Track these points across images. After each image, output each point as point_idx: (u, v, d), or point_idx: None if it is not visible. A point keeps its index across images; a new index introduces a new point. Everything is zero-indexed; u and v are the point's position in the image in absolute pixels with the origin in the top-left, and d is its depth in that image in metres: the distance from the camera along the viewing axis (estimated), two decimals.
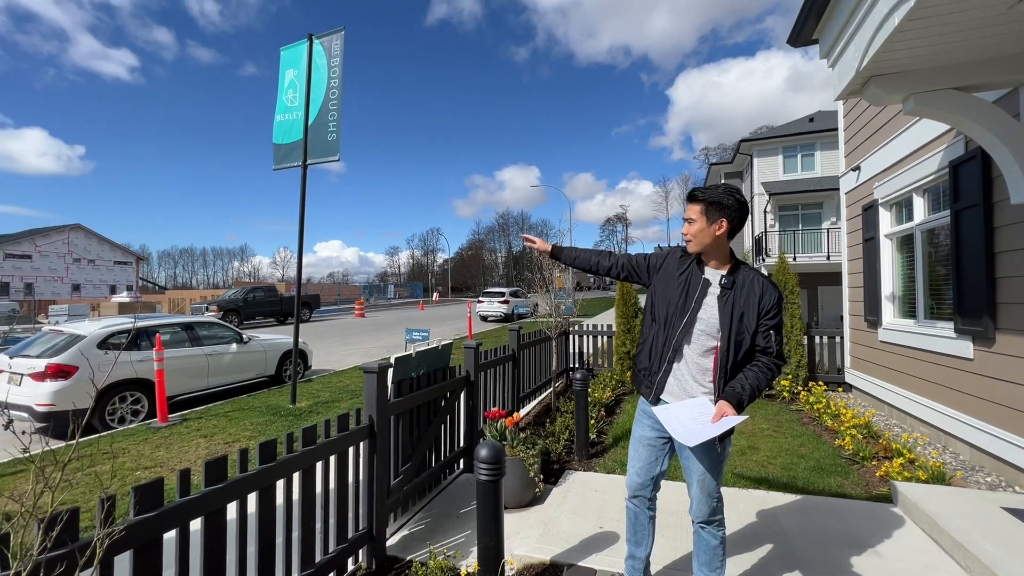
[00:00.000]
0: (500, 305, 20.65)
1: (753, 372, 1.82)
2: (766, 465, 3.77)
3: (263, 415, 6.02)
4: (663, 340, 1.95)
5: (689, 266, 1.96)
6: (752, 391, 1.79)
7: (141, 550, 1.58)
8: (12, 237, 39.64)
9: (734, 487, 3.34)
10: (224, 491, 1.85)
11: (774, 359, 1.83)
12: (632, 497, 2.10)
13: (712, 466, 1.90)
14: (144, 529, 1.57)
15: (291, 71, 6.96)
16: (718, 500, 1.93)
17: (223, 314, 18.64)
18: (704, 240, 1.87)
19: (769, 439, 4.40)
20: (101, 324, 6.44)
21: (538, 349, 5.97)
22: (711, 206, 1.84)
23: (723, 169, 24.64)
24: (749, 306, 1.82)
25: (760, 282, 1.85)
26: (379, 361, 2.82)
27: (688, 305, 1.89)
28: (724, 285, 1.86)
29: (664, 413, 1.86)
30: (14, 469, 4.38)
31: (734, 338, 1.82)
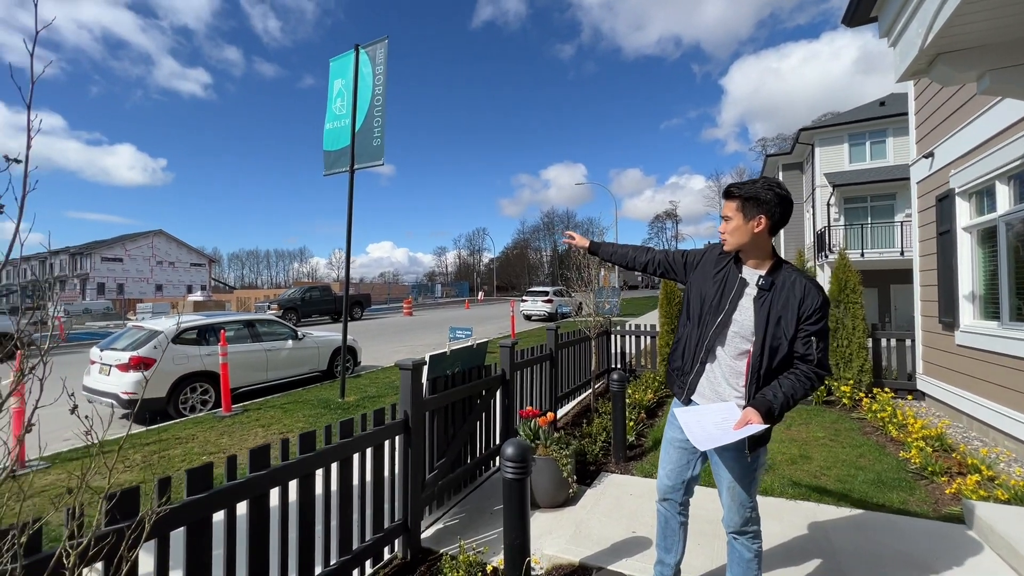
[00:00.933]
0: (544, 304, 20.60)
1: (789, 380, 1.70)
2: (819, 476, 3.53)
3: (314, 408, 6.37)
4: (696, 339, 1.88)
5: (727, 264, 1.87)
6: (785, 400, 1.67)
7: (193, 527, 1.73)
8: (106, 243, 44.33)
9: (780, 497, 3.16)
10: (267, 477, 1.98)
11: (815, 368, 1.70)
12: (662, 500, 2.06)
13: (743, 474, 1.81)
14: (195, 508, 1.71)
15: (339, 81, 7.30)
16: (752, 510, 1.84)
17: (283, 312, 19.85)
18: (741, 238, 1.78)
19: (824, 448, 4.12)
20: (175, 321, 7.06)
21: (577, 349, 5.91)
22: (748, 202, 1.75)
23: (781, 160, 23.23)
24: (788, 310, 1.71)
25: (802, 284, 1.73)
26: (414, 358, 2.92)
27: (723, 305, 1.81)
28: (762, 286, 1.76)
29: (685, 415, 1.79)
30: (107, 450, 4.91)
31: (769, 343, 1.72)
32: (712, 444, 1.64)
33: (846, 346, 5.78)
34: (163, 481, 1.69)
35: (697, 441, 1.66)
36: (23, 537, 1.05)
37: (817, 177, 18.94)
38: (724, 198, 1.84)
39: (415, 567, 2.66)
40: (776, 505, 3.03)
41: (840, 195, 17.84)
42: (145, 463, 4.54)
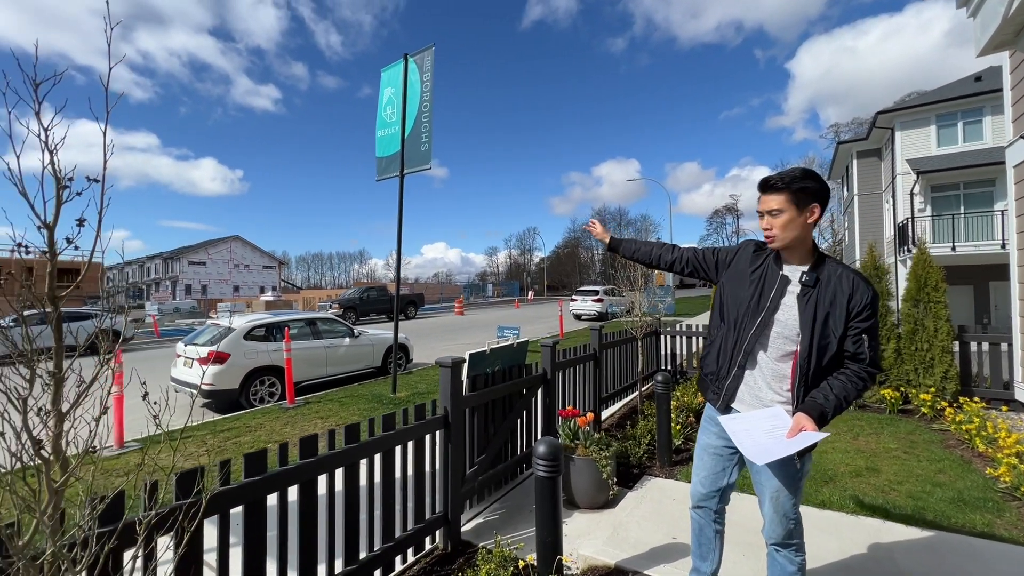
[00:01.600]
0: (594, 303, 20.29)
1: (840, 381, 1.60)
2: (887, 491, 3.24)
3: (368, 402, 6.70)
4: (733, 343, 1.80)
5: (764, 262, 1.78)
6: (838, 402, 1.58)
7: (249, 506, 1.90)
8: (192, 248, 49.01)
9: (839, 511, 2.93)
10: (314, 464, 2.13)
11: (867, 366, 1.60)
12: (695, 507, 1.99)
13: (788, 483, 1.71)
14: (251, 489, 1.88)
15: (389, 89, 7.62)
16: (795, 522, 1.74)
17: (343, 311, 21.00)
18: (794, 232, 1.66)
19: (896, 461, 3.76)
20: (247, 319, 7.69)
21: (623, 350, 5.79)
22: (799, 193, 1.63)
23: (855, 147, 21.35)
24: (836, 306, 1.61)
25: (850, 279, 1.63)
26: (453, 356, 3.00)
27: (763, 305, 1.72)
28: (805, 283, 1.65)
29: (732, 424, 1.70)
30: (184, 435, 5.44)
31: (817, 342, 1.61)
32: (770, 457, 1.54)
33: (926, 350, 5.24)
34: (223, 463, 1.88)
35: (752, 454, 1.57)
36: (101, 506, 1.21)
37: (898, 164, 17.23)
38: (765, 191, 1.71)
39: (454, 558, 2.74)
40: (834, 519, 2.81)
41: (926, 183, 16.12)
42: (220, 448, 5.00)
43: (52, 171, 1.07)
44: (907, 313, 5.42)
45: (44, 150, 1.06)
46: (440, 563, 2.72)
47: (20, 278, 1.08)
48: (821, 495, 3.15)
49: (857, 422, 4.80)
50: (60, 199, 1.09)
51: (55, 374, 1.07)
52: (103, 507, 1.23)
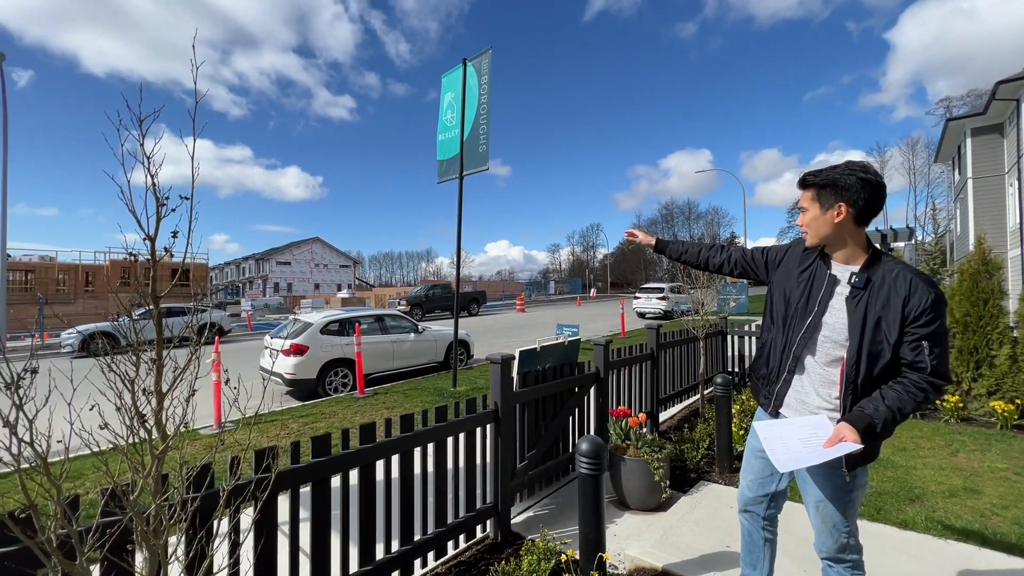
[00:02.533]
0: (658, 301, 19.59)
1: (895, 391, 1.47)
2: (988, 516, 2.86)
3: (430, 395, 7.03)
4: (782, 346, 1.72)
5: (813, 261, 1.69)
6: (890, 414, 1.45)
7: (316, 484, 2.12)
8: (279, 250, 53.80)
9: (924, 533, 2.64)
10: (373, 450, 2.32)
11: (928, 377, 1.44)
12: (742, 511, 1.93)
13: (835, 495, 1.61)
14: (316, 469, 2.09)
15: (449, 94, 7.89)
16: (848, 536, 1.63)
17: (410, 308, 22.03)
18: (821, 230, 1.60)
19: (1003, 483, 3.30)
20: (323, 315, 8.35)
21: (682, 350, 5.58)
22: (823, 189, 1.56)
23: (968, 124, 18.66)
24: (889, 309, 1.48)
25: (907, 280, 1.48)
26: (503, 353, 3.10)
27: (811, 307, 1.63)
28: (855, 284, 1.55)
29: (767, 429, 1.63)
30: (270, 419, 6.06)
31: (867, 348, 1.51)
32: (795, 465, 1.48)
33: None
34: (294, 445, 2.11)
35: (779, 461, 1.50)
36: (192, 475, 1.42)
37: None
38: (800, 188, 1.66)
39: (504, 548, 2.84)
40: (916, 541, 2.55)
41: None
42: (299, 432, 5.51)
43: (154, 192, 1.28)
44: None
45: (147, 175, 1.27)
46: (490, 551, 2.83)
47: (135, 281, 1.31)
48: (904, 514, 2.86)
49: (958, 436, 4.27)
50: (159, 215, 1.30)
51: (156, 361, 1.28)
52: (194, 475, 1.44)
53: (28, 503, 1.12)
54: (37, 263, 29.78)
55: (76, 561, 1.13)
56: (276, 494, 1.95)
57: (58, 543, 1.14)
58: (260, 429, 5.67)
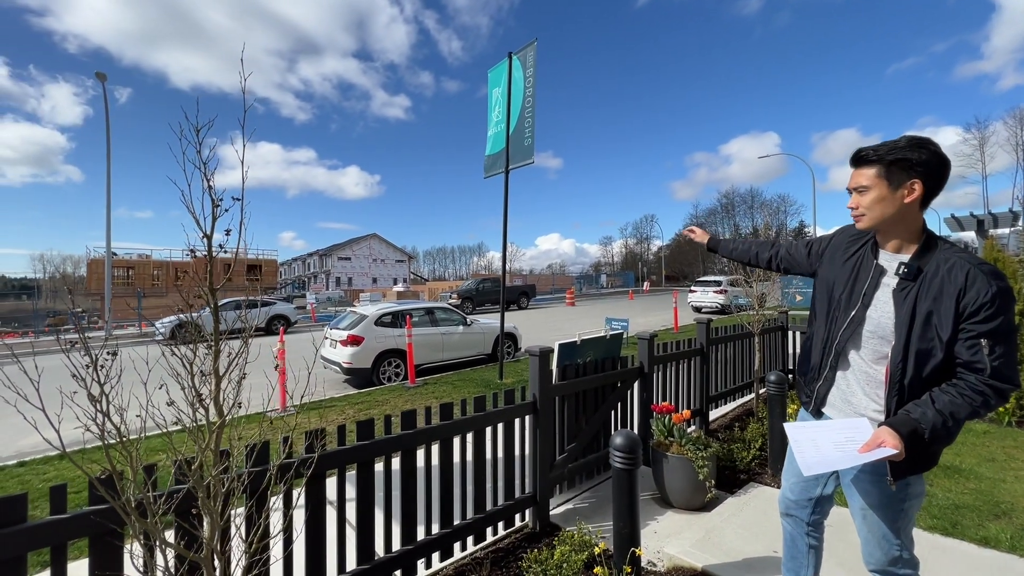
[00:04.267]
0: (716, 295, 18.67)
1: (948, 395, 1.31)
2: None
3: (477, 386, 7.19)
4: (823, 341, 1.61)
5: (860, 248, 1.57)
6: (940, 419, 1.29)
7: (361, 466, 2.25)
8: (340, 246, 56.81)
9: (1010, 552, 2.36)
10: (413, 436, 2.43)
11: (988, 379, 1.28)
12: (784, 514, 1.83)
13: (882, 503, 1.48)
14: (359, 452, 2.22)
15: (496, 89, 7.94)
16: (900, 548, 1.49)
17: (461, 301, 22.53)
18: (884, 211, 1.42)
19: None
20: (377, 307, 8.75)
21: (735, 346, 5.32)
22: (894, 166, 1.38)
23: None
24: (942, 303, 1.33)
25: (964, 270, 1.32)
26: (541, 346, 3.11)
27: (854, 300, 1.52)
28: (904, 274, 1.41)
29: (797, 431, 1.51)
30: (329, 405, 6.46)
31: (914, 346, 1.37)
32: (822, 468, 1.36)
33: None
34: (340, 428, 2.25)
35: (805, 463, 1.38)
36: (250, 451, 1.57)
37: None
38: (855, 166, 1.48)
39: (541, 537, 2.88)
40: (1000, 562, 2.29)
41: None
42: (354, 417, 5.84)
43: (210, 195, 1.42)
44: None
45: (203, 179, 1.41)
46: (528, 540, 2.87)
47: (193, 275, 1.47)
48: (985, 530, 2.57)
49: None
50: (215, 215, 1.43)
51: (214, 347, 1.43)
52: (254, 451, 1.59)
53: (111, 468, 1.29)
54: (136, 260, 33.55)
55: (148, 520, 1.29)
56: (323, 472, 2.10)
57: (135, 505, 1.31)
58: (320, 413, 6.06)
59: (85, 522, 1.48)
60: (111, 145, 17.09)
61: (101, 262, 27.66)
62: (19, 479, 4.13)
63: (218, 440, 1.42)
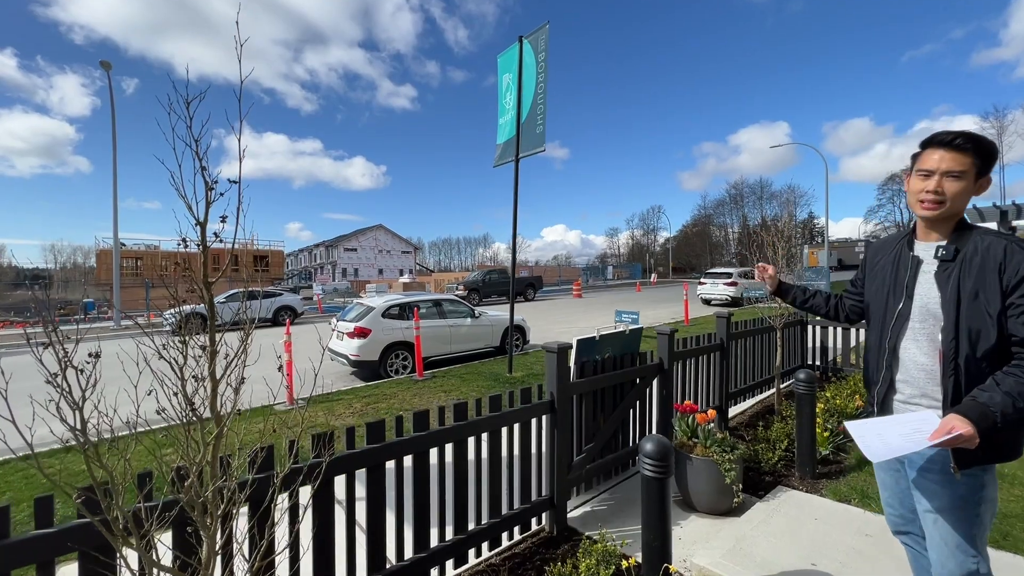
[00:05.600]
0: (726, 287, 18.37)
1: (1013, 375, 1.27)
2: None
3: (486, 380, 7.06)
4: (877, 343, 1.57)
5: (896, 246, 1.60)
6: (1008, 401, 1.23)
7: (372, 470, 2.12)
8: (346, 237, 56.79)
9: None
10: (427, 438, 2.28)
11: None
12: (896, 533, 1.72)
13: (954, 504, 1.37)
14: (370, 456, 2.08)
15: (507, 75, 7.70)
16: (976, 561, 1.37)
17: (467, 292, 22.39)
18: (964, 203, 1.43)
19: None
20: (384, 299, 8.63)
21: (756, 340, 5.14)
22: (989, 158, 1.39)
23: None
24: (986, 280, 1.33)
25: (1002, 246, 1.34)
26: (559, 342, 2.95)
27: (898, 294, 1.52)
28: (943, 257, 1.43)
29: (860, 427, 1.42)
30: (336, 398, 6.36)
31: (964, 323, 1.35)
32: (888, 454, 1.30)
33: None
34: (349, 430, 2.11)
35: (870, 450, 1.33)
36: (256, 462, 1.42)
37: None
38: (947, 148, 1.40)
39: (559, 543, 2.74)
40: None
41: None
42: (362, 411, 5.73)
43: (203, 176, 1.26)
44: None
45: (195, 158, 1.25)
46: (545, 545, 2.74)
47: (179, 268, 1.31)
48: None
49: None
50: (208, 200, 1.28)
51: (209, 347, 1.28)
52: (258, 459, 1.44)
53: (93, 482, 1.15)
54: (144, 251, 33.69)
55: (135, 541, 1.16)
56: (331, 478, 1.97)
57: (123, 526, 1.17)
58: (327, 407, 5.96)
59: (72, 537, 1.35)
60: (116, 135, 17.04)
61: (110, 252, 27.85)
62: (23, 473, 4.06)
63: (215, 452, 1.28)
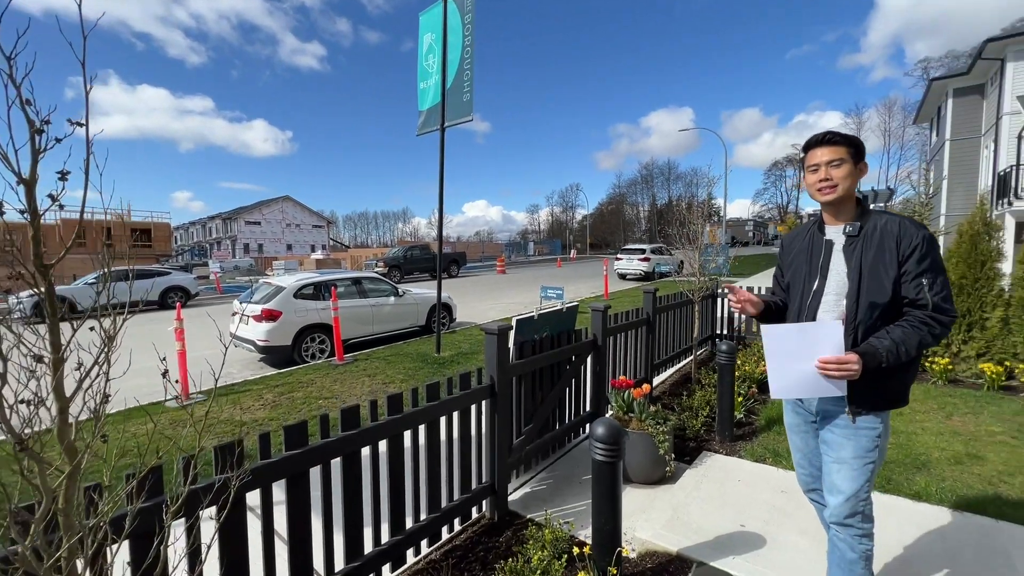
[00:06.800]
0: (640, 263, 19.55)
1: (900, 327, 1.49)
2: (996, 483, 2.81)
3: (413, 361, 6.76)
4: (796, 316, 1.73)
5: (808, 234, 1.77)
6: (894, 346, 1.46)
7: (293, 480, 1.82)
8: (247, 208, 51.37)
9: (939, 505, 2.57)
10: (358, 436, 2.02)
11: (931, 312, 1.47)
12: (807, 491, 1.88)
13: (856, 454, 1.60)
14: (292, 463, 1.78)
15: (429, 35, 7.14)
16: (865, 503, 1.58)
17: (388, 270, 21.41)
18: (851, 185, 1.61)
19: (1004, 448, 3.28)
20: (296, 278, 7.85)
21: (677, 313, 5.42)
22: (856, 148, 1.61)
23: (951, 84, 18.56)
24: (884, 251, 1.53)
25: (896, 222, 1.56)
26: (499, 323, 2.80)
27: (813, 273, 1.68)
28: (849, 233, 1.61)
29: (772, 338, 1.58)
30: (243, 389, 5.70)
31: (865, 288, 1.54)
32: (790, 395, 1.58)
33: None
34: (263, 438, 1.78)
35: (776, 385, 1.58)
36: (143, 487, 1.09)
37: (1006, 102, 14.85)
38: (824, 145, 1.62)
39: (502, 528, 2.65)
40: (933, 515, 2.46)
41: None
42: (275, 402, 5.18)
43: (21, 108, 0.87)
44: (1021, 277, 4.66)
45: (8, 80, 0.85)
46: (487, 533, 2.64)
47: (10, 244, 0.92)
48: (915, 484, 2.79)
49: (949, 399, 4.27)
50: (36, 147, 0.90)
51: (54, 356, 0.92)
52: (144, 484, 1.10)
53: None
54: None
55: None
56: (243, 496, 1.65)
57: None
58: (233, 400, 5.31)
59: None
60: None
61: None
62: None
63: (70, 492, 0.94)
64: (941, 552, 2.17)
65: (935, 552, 2.17)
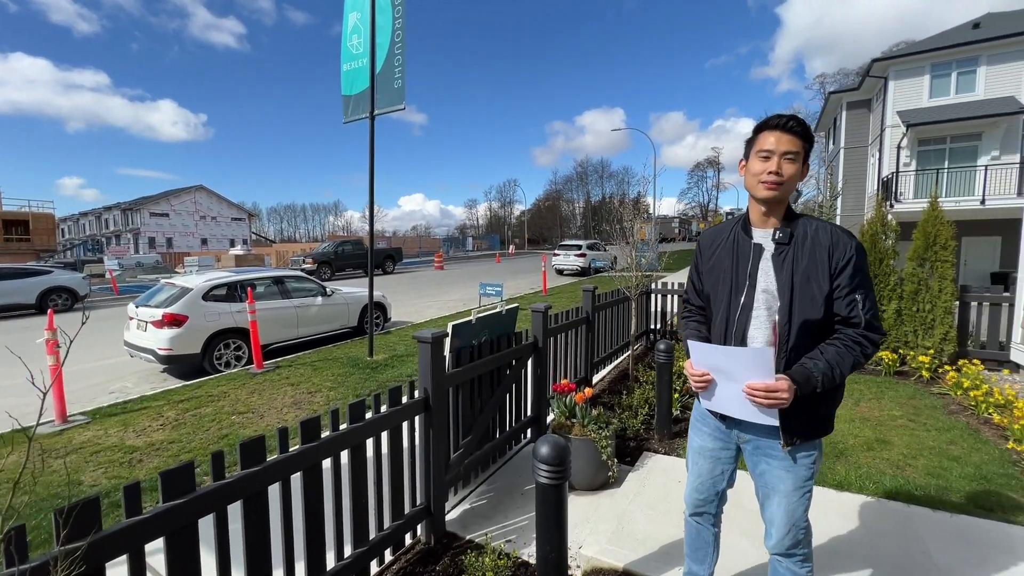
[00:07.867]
0: (576, 258, 19.97)
1: (833, 347, 1.37)
2: (903, 467, 3.04)
3: (343, 366, 6.28)
4: (722, 334, 1.53)
5: (730, 234, 1.58)
6: (828, 368, 1.34)
7: (173, 536, 1.48)
8: (153, 198, 46.10)
9: (859, 493, 2.71)
10: (260, 474, 1.70)
11: (863, 331, 1.37)
12: (693, 514, 1.75)
13: (796, 486, 1.48)
14: (168, 518, 1.44)
15: (354, 14, 6.62)
16: (805, 531, 1.52)
17: (317, 266, 20.12)
18: (792, 188, 1.46)
19: (905, 432, 3.59)
20: (205, 277, 7.01)
21: (615, 310, 5.46)
22: (811, 145, 1.46)
23: (845, 98, 20.75)
24: (817, 263, 1.40)
25: (828, 231, 1.44)
26: (435, 328, 2.56)
27: (740, 283, 1.50)
28: (779, 240, 1.45)
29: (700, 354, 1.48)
30: (139, 406, 4.95)
31: (798, 304, 1.40)
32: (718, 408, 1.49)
33: (928, 311, 5.05)
34: (130, 489, 1.42)
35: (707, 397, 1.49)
36: None
37: (888, 116, 16.82)
38: (782, 131, 1.42)
39: (439, 555, 2.43)
40: (857, 504, 2.59)
41: (914, 136, 15.85)
42: (178, 420, 4.54)
43: None
44: (911, 273, 5.19)
45: None
46: (423, 560, 2.40)
47: None
48: (836, 474, 2.93)
49: (856, 386, 4.64)
50: None
51: None
52: None
53: None
54: None
55: None
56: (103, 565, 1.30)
57: None
58: (125, 421, 4.59)
59: None
60: None
61: None
62: None
63: None
64: (866, 540, 2.27)
65: (860, 539, 2.27)
